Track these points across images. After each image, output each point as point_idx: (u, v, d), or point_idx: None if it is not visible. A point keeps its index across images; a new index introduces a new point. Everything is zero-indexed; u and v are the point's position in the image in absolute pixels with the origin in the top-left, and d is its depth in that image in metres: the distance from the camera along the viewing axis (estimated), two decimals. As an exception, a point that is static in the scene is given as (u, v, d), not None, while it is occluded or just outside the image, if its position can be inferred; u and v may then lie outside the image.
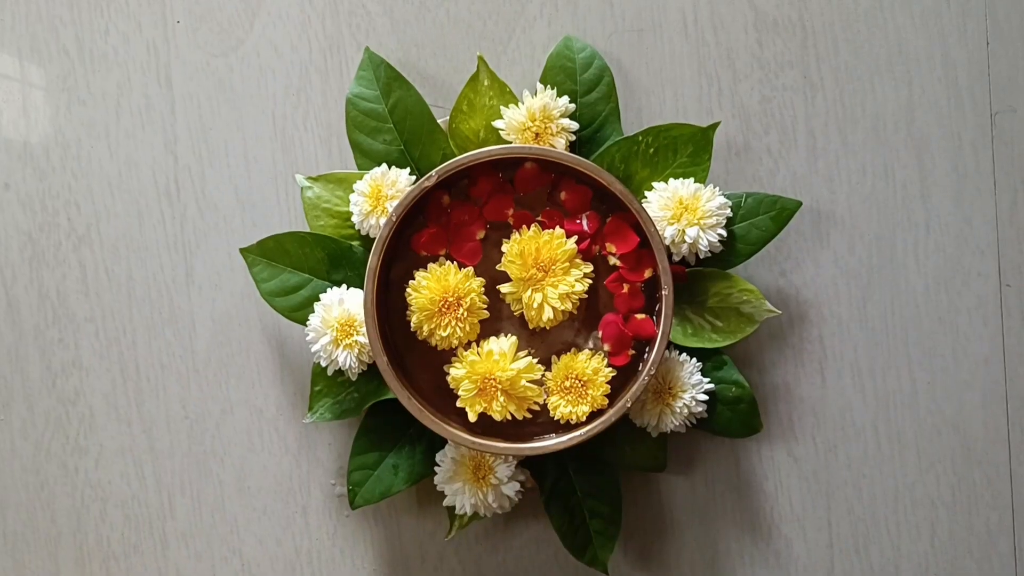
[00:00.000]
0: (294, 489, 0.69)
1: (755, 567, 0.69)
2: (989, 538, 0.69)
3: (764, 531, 0.69)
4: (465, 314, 0.61)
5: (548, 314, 0.61)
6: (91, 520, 0.69)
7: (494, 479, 0.63)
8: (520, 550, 0.69)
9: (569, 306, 0.61)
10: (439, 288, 0.61)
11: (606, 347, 0.62)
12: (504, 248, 0.62)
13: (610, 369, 0.61)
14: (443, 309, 0.61)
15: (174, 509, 0.69)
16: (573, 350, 0.62)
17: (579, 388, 0.61)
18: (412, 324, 0.62)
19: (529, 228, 0.62)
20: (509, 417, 0.61)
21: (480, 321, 0.62)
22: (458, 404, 0.61)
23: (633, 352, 0.63)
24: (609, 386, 0.61)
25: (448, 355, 0.63)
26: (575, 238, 0.62)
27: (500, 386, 0.60)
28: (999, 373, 0.69)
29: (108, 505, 0.69)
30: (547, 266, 0.61)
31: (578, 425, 0.61)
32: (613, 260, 0.63)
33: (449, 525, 0.66)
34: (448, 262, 0.62)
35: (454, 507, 0.64)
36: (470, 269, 0.62)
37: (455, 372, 0.61)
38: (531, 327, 0.62)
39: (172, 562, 0.69)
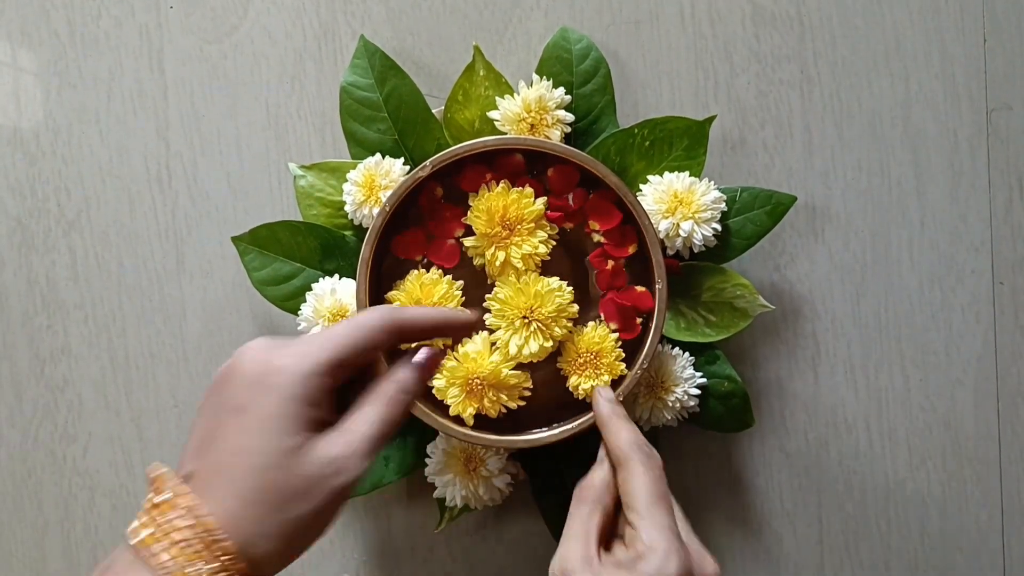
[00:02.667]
0: (284, 479, 0.69)
1: (745, 562, 0.69)
2: (979, 535, 0.69)
3: (754, 526, 0.69)
4: None
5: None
6: (79, 509, 0.69)
7: (485, 471, 0.63)
8: (511, 543, 0.68)
9: (533, 267, 0.60)
10: (409, 299, 0.60)
11: (612, 326, 0.61)
12: (471, 202, 0.61)
13: (615, 335, 0.61)
14: None
15: (163, 498, 0.69)
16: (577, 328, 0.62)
17: (592, 361, 0.60)
18: None
19: (499, 184, 0.61)
20: (504, 410, 0.60)
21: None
22: (451, 413, 0.60)
23: (641, 320, 0.62)
24: (622, 351, 0.60)
25: None
26: (543, 200, 0.61)
27: (486, 382, 0.60)
28: (991, 371, 0.69)
29: (96, 494, 0.69)
30: (512, 225, 0.60)
31: (570, 419, 0.61)
32: (597, 237, 0.62)
33: (439, 517, 0.66)
34: (429, 267, 0.61)
35: (444, 499, 0.64)
36: (440, 274, 0.61)
37: (437, 383, 0.60)
38: (489, 282, 0.61)
39: (160, 551, 0.69)
